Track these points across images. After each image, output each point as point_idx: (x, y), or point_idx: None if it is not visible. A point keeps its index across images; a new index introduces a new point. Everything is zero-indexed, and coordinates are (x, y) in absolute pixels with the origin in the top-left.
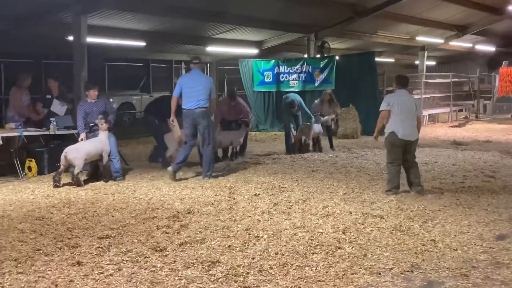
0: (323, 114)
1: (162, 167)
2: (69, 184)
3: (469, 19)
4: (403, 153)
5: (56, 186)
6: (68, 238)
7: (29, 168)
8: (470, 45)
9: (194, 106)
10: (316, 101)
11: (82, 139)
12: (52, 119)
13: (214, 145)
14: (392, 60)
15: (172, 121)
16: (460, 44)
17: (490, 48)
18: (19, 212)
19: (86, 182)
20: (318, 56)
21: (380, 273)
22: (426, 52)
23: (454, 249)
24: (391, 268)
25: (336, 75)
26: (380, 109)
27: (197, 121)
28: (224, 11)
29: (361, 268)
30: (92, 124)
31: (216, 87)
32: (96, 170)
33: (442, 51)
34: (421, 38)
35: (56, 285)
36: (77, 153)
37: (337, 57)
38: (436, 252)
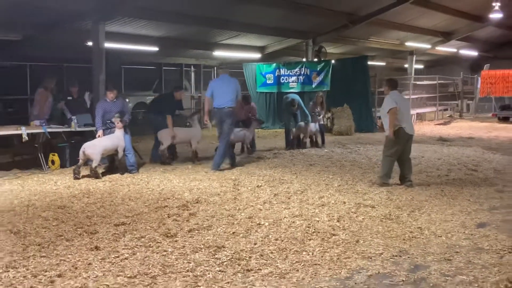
0: (319, 114)
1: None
2: (88, 176)
3: (453, 26)
4: (403, 148)
5: (76, 178)
6: (87, 225)
7: (53, 162)
8: (455, 50)
9: (222, 105)
10: (310, 102)
11: (99, 136)
12: (73, 117)
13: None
14: (383, 63)
15: (206, 121)
16: (446, 49)
17: (473, 53)
18: (43, 201)
19: (103, 174)
20: (315, 60)
21: (371, 258)
22: (414, 56)
23: (439, 236)
24: (381, 253)
25: (332, 77)
26: (390, 107)
27: (223, 118)
28: (230, 19)
29: (353, 253)
30: (109, 122)
31: None
32: (112, 164)
33: (429, 55)
34: (410, 44)
35: (76, 268)
36: (94, 148)
37: (333, 61)
38: (423, 238)
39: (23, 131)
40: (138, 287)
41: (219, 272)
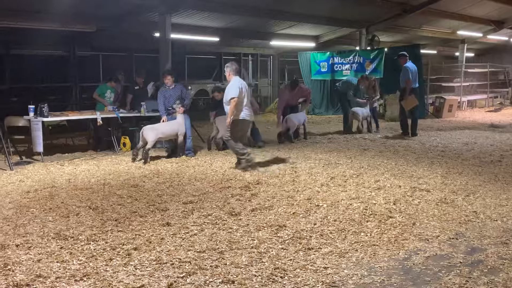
0: (372, 97)
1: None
2: (157, 157)
3: (505, 15)
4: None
5: (133, 160)
6: (158, 203)
7: (124, 144)
8: (506, 38)
9: (417, 85)
10: (362, 86)
11: (163, 121)
12: (142, 103)
13: (290, 128)
14: (434, 51)
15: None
16: (497, 37)
17: None
18: (117, 180)
19: (169, 156)
20: (368, 48)
21: (428, 240)
22: (465, 44)
23: (494, 220)
24: (438, 236)
25: (384, 65)
26: (234, 96)
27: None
28: (286, 10)
29: (410, 235)
30: (170, 108)
31: (278, 76)
32: (175, 147)
33: (480, 44)
34: (461, 32)
35: (150, 242)
36: (152, 131)
37: (385, 49)
38: (478, 222)
39: (98, 115)
40: (208, 261)
41: (282, 250)
